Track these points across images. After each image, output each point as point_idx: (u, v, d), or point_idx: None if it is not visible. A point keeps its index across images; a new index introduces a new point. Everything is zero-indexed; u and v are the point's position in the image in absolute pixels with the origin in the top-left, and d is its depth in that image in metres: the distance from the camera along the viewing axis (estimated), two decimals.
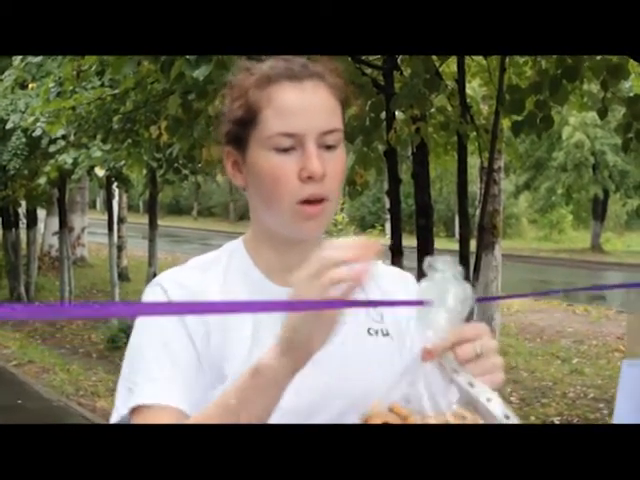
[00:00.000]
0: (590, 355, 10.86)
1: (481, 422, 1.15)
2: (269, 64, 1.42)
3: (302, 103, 1.37)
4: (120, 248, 13.42)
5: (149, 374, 1.36)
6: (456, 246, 6.86)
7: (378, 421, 1.17)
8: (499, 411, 1.15)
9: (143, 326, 1.41)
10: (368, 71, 6.25)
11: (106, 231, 13.24)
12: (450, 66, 7.42)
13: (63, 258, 13.96)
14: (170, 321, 1.39)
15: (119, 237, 13.12)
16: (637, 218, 31.57)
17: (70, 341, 11.83)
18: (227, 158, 1.46)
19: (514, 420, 1.16)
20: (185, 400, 1.34)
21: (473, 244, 7.28)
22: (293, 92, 1.37)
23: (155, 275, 11.41)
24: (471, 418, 1.15)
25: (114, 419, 1.37)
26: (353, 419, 1.23)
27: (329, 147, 1.38)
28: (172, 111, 4.77)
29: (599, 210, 29.45)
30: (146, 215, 13.50)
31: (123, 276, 16.44)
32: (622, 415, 1.34)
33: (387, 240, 7.03)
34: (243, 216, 45.36)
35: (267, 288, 1.45)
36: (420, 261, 6.35)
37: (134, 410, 1.35)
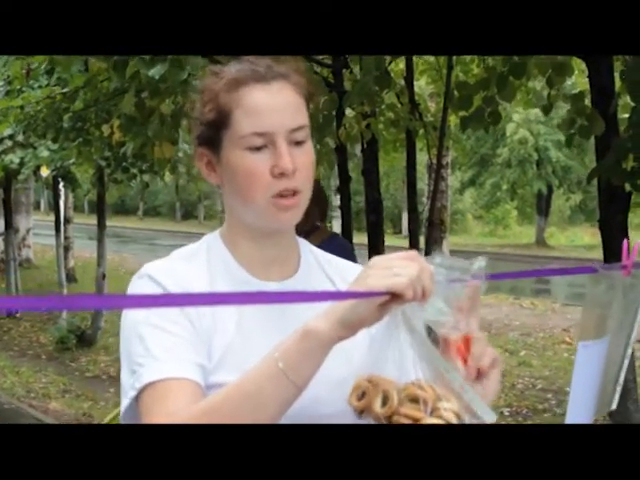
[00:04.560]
0: (537, 347, 11.04)
1: (437, 391, 1.24)
2: (237, 67, 1.48)
3: (270, 103, 1.45)
4: (67, 249, 13.28)
5: (151, 353, 1.38)
6: (404, 242, 6.93)
7: (356, 392, 1.25)
8: (456, 383, 1.24)
9: (135, 312, 1.44)
10: (318, 69, 6.30)
11: (50, 232, 13.06)
12: (398, 64, 7.51)
13: (9, 260, 13.77)
14: None
15: (65, 238, 12.97)
16: (580, 213, 32.14)
17: (18, 343, 11.69)
18: (200, 159, 1.53)
19: (470, 394, 1.24)
20: (193, 371, 1.37)
21: (421, 240, 7.39)
22: (261, 93, 1.45)
23: (104, 276, 11.32)
24: (427, 388, 1.23)
25: (124, 406, 1.39)
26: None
27: (298, 143, 1.46)
28: (126, 110, 4.76)
29: (543, 205, 29.87)
30: (91, 215, 13.39)
31: (70, 277, 16.23)
32: (577, 392, 1.41)
33: None
34: (188, 215, 45.13)
35: (250, 282, 1.50)
36: (371, 257, 6.39)
37: (143, 390, 1.36)
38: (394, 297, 1.22)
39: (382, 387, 1.23)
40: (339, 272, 1.60)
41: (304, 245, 1.61)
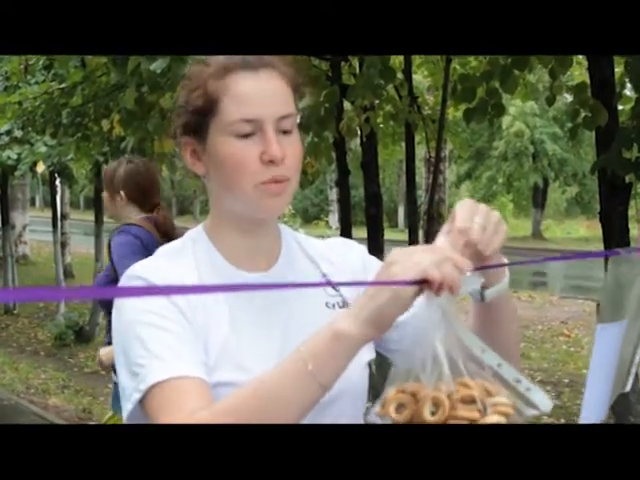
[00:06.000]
0: (536, 340, 11.07)
1: (487, 387, 1.20)
2: (225, 55, 1.48)
3: (259, 90, 1.44)
4: (63, 245, 13.25)
5: (152, 353, 1.35)
6: (400, 236, 6.92)
7: (393, 404, 1.23)
8: (509, 375, 1.22)
9: (129, 313, 1.41)
10: (316, 62, 6.29)
11: (46, 228, 13.05)
12: (397, 56, 7.50)
13: (6, 256, 13.75)
14: (158, 303, 1.39)
15: (62, 234, 12.94)
16: (576, 205, 32.16)
17: (16, 340, 11.69)
18: (185, 148, 1.51)
19: (525, 383, 1.22)
20: (197, 368, 1.36)
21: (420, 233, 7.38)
22: (250, 80, 1.44)
23: None
24: (475, 386, 1.19)
25: (128, 408, 1.37)
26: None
27: (286, 132, 1.46)
28: (128, 104, 4.73)
29: (539, 198, 29.89)
30: (87, 212, 13.39)
31: (67, 273, 16.23)
32: (595, 373, 1.41)
33: (334, 232, 7.11)
34: (184, 210, 45.09)
35: (235, 274, 1.50)
36: (371, 251, 6.37)
37: (149, 392, 1.33)
38: (423, 285, 1.21)
39: (427, 394, 1.19)
40: (320, 253, 1.60)
41: (285, 231, 1.60)
